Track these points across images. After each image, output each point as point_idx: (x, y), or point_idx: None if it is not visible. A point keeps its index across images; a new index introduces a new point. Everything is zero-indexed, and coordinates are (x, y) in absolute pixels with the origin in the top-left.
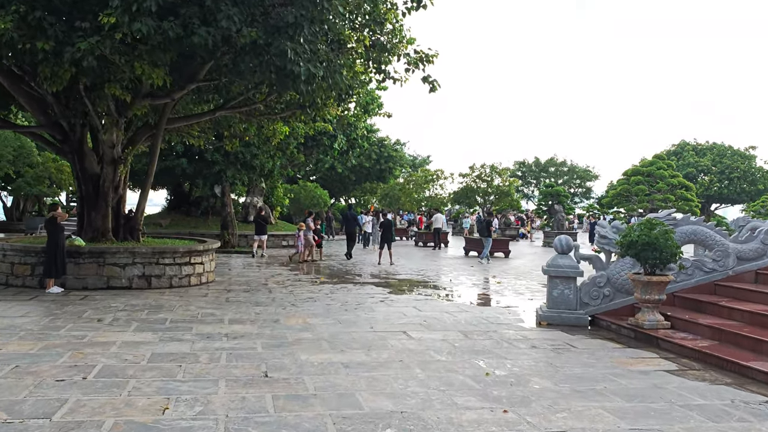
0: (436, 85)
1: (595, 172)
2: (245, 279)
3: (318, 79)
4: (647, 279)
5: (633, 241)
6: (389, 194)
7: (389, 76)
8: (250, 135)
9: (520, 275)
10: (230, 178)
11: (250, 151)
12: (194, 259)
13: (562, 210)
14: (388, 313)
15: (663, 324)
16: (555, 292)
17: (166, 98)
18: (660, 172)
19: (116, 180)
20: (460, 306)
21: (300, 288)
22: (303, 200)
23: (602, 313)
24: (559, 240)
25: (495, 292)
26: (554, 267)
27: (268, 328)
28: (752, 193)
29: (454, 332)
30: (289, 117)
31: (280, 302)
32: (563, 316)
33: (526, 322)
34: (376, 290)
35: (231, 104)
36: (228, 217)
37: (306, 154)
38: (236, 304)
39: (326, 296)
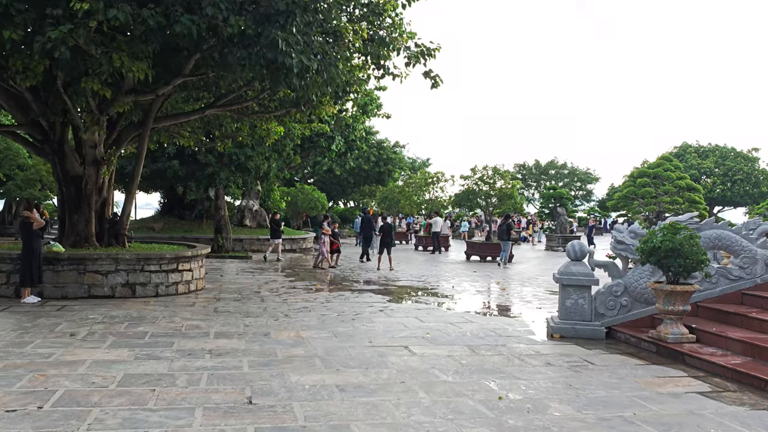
0: (439, 80)
1: (595, 175)
2: (237, 286)
3: (312, 72)
4: (670, 288)
5: (655, 247)
6: (388, 197)
7: (388, 72)
8: (242, 135)
9: (525, 281)
10: (224, 181)
11: (245, 153)
12: (182, 266)
13: (566, 213)
14: (387, 324)
15: (688, 337)
16: (568, 302)
17: (151, 94)
18: (667, 173)
19: (99, 182)
20: (464, 316)
21: (294, 296)
22: (300, 203)
23: (619, 324)
24: (572, 246)
25: (500, 300)
26: (567, 275)
27: (257, 342)
28: (755, 195)
29: (460, 347)
30: (283, 116)
31: (272, 312)
32: (577, 328)
33: (536, 334)
34: (375, 298)
35: (221, 102)
36: (222, 220)
37: (303, 156)
38: (225, 314)
39: (322, 305)
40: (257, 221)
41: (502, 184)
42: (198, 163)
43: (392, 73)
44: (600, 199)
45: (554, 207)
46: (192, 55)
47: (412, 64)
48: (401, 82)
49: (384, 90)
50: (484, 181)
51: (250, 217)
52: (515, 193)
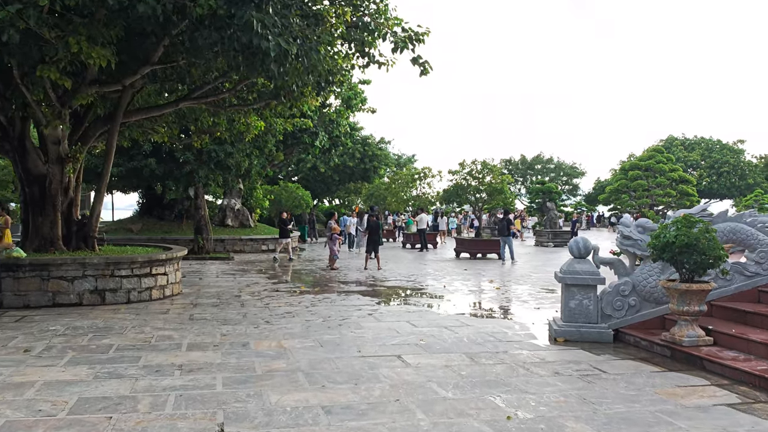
0: (428, 67)
1: (581, 169)
2: (216, 290)
3: (291, 57)
4: (685, 287)
5: (669, 243)
6: (374, 194)
7: (374, 60)
8: (220, 130)
9: (519, 279)
10: (203, 179)
11: (224, 150)
12: (156, 270)
13: (555, 207)
14: (378, 330)
15: (705, 340)
16: (572, 302)
17: (117, 85)
18: (659, 165)
19: (65, 181)
20: (459, 318)
21: (277, 300)
22: (284, 202)
23: (627, 326)
24: (576, 242)
25: (496, 301)
26: (571, 274)
27: (234, 355)
28: (742, 187)
29: (458, 355)
30: (263, 109)
31: (252, 319)
32: (583, 331)
33: (538, 338)
34: (363, 301)
35: (196, 95)
36: (202, 220)
37: (286, 153)
38: (201, 322)
39: (306, 310)
40: (239, 221)
41: (491, 178)
42: (176, 161)
43: (378, 61)
44: (586, 193)
45: (543, 202)
46: (160, 40)
47: (399, 50)
48: (387, 71)
49: (368, 84)
50: (473, 176)
51: (232, 216)
52: (505, 187)
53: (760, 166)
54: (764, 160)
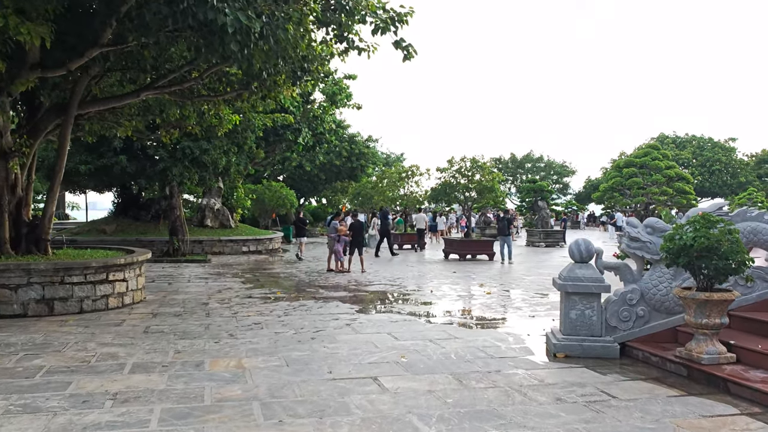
0: (412, 51)
1: (572, 168)
2: (184, 297)
3: (254, 35)
4: (705, 297)
5: (686, 245)
6: (361, 193)
7: (353, 46)
8: (190, 124)
9: (511, 282)
10: (177, 177)
11: (200, 146)
12: (113, 276)
13: (546, 207)
14: (354, 344)
15: (727, 357)
16: (573, 312)
17: (61, 69)
18: (655, 162)
19: (11, 178)
20: (446, 329)
21: (248, 308)
22: (268, 201)
23: (635, 339)
24: (577, 245)
25: (486, 308)
26: (572, 280)
27: (183, 378)
28: (734, 185)
29: (443, 376)
30: (234, 100)
31: (215, 332)
32: (585, 345)
33: (535, 353)
34: (342, 308)
35: (160, 83)
36: (177, 221)
37: (268, 150)
38: (156, 336)
39: (278, 320)
40: (219, 221)
41: (481, 176)
42: (148, 158)
43: (358, 47)
44: (577, 192)
45: (534, 201)
46: (107, 18)
47: (380, 32)
48: (369, 57)
49: (354, 79)
50: (462, 173)
51: (212, 216)
52: (496, 185)
53: (752, 164)
54: (755, 158)
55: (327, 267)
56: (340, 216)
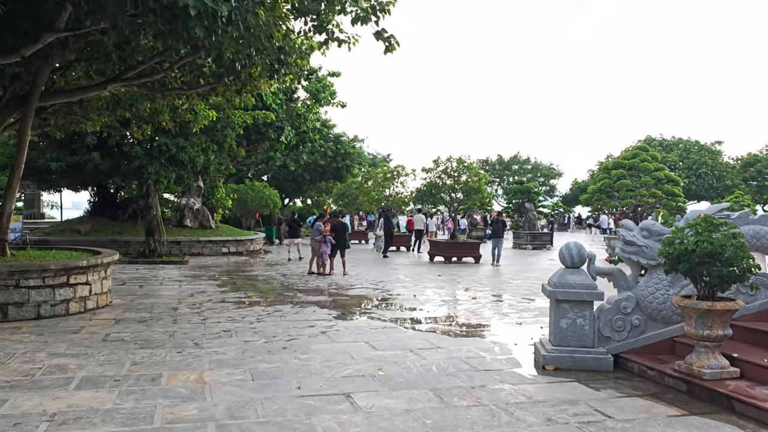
0: (394, 42)
1: (559, 170)
2: (153, 301)
3: (221, 20)
4: (707, 306)
5: (687, 250)
6: (346, 194)
7: (333, 38)
8: (164, 119)
9: (497, 286)
10: (153, 176)
11: (176, 143)
12: (75, 279)
13: (533, 208)
14: (329, 354)
15: (730, 372)
16: (563, 321)
17: (14, 56)
18: (644, 164)
19: None
20: (428, 338)
21: (219, 313)
22: (250, 201)
23: (630, 351)
24: (568, 249)
25: (472, 314)
26: (562, 287)
27: (135, 395)
28: (720, 189)
29: (423, 392)
30: (208, 93)
31: (179, 340)
32: (576, 357)
33: (523, 365)
34: (319, 314)
35: (129, 75)
36: (154, 221)
37: (250, 149)
38: (114, 345)
39: (249, 326)
40: (199, 221)
41: (467, 177)
42: (123, 155)
43: (338, 39)
44: (563, 194)
45: (522, 202)
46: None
47: (360, 22)
48: (349, 49)
49: (338, 76)
50: (449, 174)
51: (191, 216)
52: (482, 186)
53: (737, 167)
54: (741, 161)
55: (308, 269)
56: (324, 217)
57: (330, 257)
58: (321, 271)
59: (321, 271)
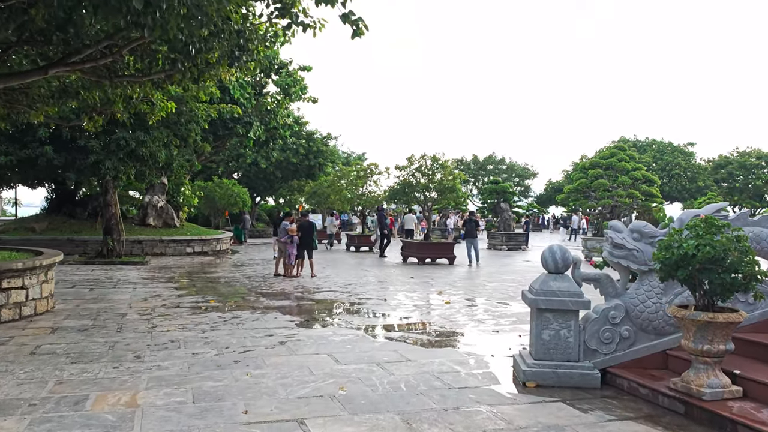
0: (362, 26)
1: (533, 170)
2: (101, 306)
3: None
4: (708, 318)
5: (687, 255)
6: (317, 192)
7: (297, 22)
8: (118, 110)
9: (472, 289)
10: (111, 171)
11: (136, 137)
12: (8, 283)
13: (509, 208)
14: (286, 369)
15: (732, 391)
16: (546, 333)
17: None
18: (621, 164)
19: None
20: (398, 349)
21: (171, 320)
22: (218, 200)
23: (619, 365)
24: (551, 252)
25: (446, 320)
26: (545, 295)
27: (49, 424)
28: (692, 190)
29: (389, 416)
30: (163, 82)
31: (119, 352)
32: (560, 372)
33: (501, 381)
34: (281, 320)
35: (72, 60)
36: (112, 219)
37: (218, 145)
38: (43, 359)
39: (201, 336)
40: (163, 220)
41: (442, 176)
42: (79, 149)
43: (302, 23)
44: (538, 194)
45: (497, 202)
46: None
47: (325, 3)
48: (315, 35)
49: (309, 71)
50: (423, 172)
51: (155, 215)
52: (457, 185)
53: (709, 168)
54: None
55: (274, 271)
56: (290, 216)
57: (297, 258)
58: (287, 273)
59: (287, 273)
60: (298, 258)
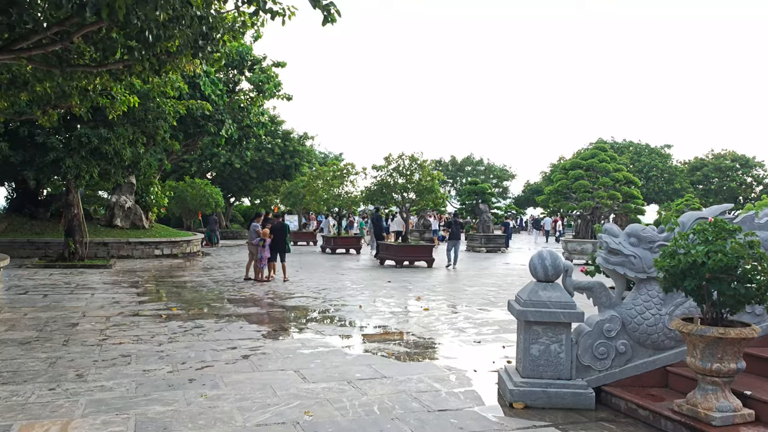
0: (334, 11)
1: (512, 172)
2: (51, 315)
3: None
4: (719, 334)
5: (695, 263)
6: (292, 192)
7: (265, 9)
8: (75, 103)
9: (452, 295)
10: (72, 170)
11: (99, 134)
12: None
13: (488, 209)
14: (246, 389)
15: (744, 416)
16: (535, 348)
17: None
18: (602, 165)
19: None
20: (372, 363)
21: (126, 331)
22: (190, 200)
23: (614, 383)
24: (541, 258)
25: (424, 329)
26: (535, 306)
27: None
28: (669, 192)
29: None
30: (121, 72)
31: (61, 370)
32: (551, 392)
33: (485, 400)
34: (246, 331)
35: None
36: (75, 220)
37: (189, 143)
38: None
39: (156, 349)
40: (131, 221)
41: (420, 176)
42: (37, 146)
43: (270, 10)
44: (516, 196)
45: (476, 203)
46: None
47: None
48: (284, 23)
49: (283, 67)
50: (400, 172)
51: (122, 215)
52: (436, 186)
53: (685, 171)
54: (688, 165)
55: (245, 275)
56: (261, 217)
57: (269, 261)
58: (258, 277)
59: (258, 277)
60: (271, 261)
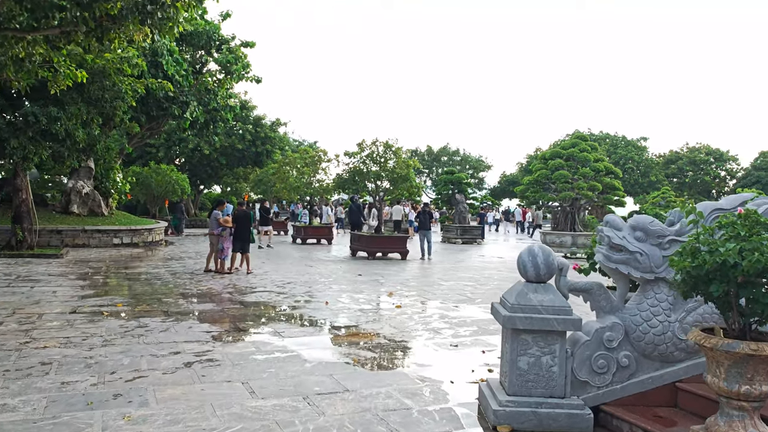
0: None
1: (488, 162)
2: None
3: None
4: (752, 350)
5: (725, 264)
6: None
7: None
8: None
9: (426, 290)
10: (18, 152)
11: (48, 113)
12: None
13: (464, 200)
14: (180, 408)
15: None
16: (523, 360)
17: None
18: (583, 155)
19: None
20: (333, 373)
21: (56, 331)
22: (155, 186)
23: (615, 402)
24: (532, 255)
25: (395, 330)
26: (523, 311)
27: None
28: (644, 184)
29: None
30: (59, 40)
31: None
32: (542, 412)
33: (464, 422)
34: (195, 332)
35: None
36: (23, 206)
37: (152, 126)
38: None
39: (86, 354)
40: (89, 207)
41: (394, 164)
42: None
43: None
44: (492, 187)
45: (452, 193)
46: None
47: None
48: None
49: (252, 47)
50: (374, 159)
51: (79, 202)
52: (411, 174)
53: (660, 163)
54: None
55: (205, 267)
56: (222, 204)
57: (232, 252)
58: (219, 269)
59: (219, 268)
60: (234, 252)
